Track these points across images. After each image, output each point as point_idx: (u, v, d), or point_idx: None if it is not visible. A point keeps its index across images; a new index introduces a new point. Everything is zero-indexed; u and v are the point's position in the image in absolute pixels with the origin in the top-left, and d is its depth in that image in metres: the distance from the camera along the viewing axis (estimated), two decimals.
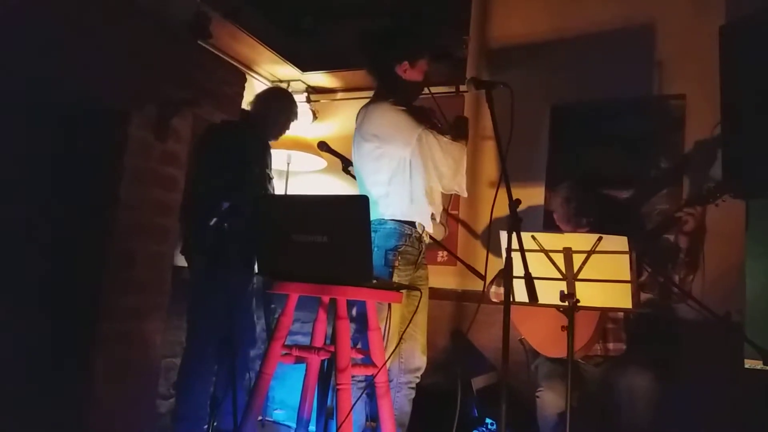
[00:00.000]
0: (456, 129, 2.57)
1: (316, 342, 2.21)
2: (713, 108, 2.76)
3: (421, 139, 2.33)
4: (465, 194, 2.48)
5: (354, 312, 2.36)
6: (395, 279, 2.35)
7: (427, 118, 2.55)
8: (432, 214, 2.49)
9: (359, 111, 2.53)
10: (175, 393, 3.00)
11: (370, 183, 2.44)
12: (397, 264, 2.34)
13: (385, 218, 2.37)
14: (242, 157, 2.84)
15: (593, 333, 2.46)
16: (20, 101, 2.30)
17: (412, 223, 2.41)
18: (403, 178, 2.36)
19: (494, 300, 2.65)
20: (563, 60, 3.41)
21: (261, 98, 3.18)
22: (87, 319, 2.44)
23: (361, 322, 2.29)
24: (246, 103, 3.18)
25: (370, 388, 2.27)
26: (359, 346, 2.31)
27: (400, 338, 2.39)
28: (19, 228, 2.40)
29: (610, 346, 2.62)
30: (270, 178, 3.10)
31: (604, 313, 2.53)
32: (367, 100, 2.59)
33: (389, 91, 2.51)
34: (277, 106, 3.14)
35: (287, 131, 3.24)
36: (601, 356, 2.61)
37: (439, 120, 2.71)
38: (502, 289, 2.61)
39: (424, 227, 2.47)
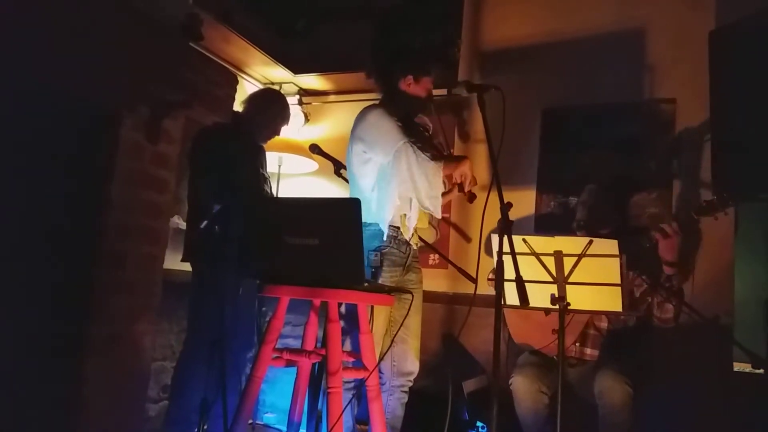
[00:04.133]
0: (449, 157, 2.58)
1: (307, 345, 2.20)
2: (703, 112, 2.78)
3: (400, 151, 2.32)
4: (438, 215, 2.43)
5: (342, 310, 2.35)
6: (381, 281, 2.35)
7: (422, 137, 2.55)
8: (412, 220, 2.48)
9: (359, 112, 2.54)
10: (169, 396, 2.99)
11: (358, 186, 2.45)
12: (380, 265, 2.34)
13: (369, 221, 2.38)
14: (231, 159, 2.83)
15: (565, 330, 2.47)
16: (11, 103, 2.29)
17: (396, 227, 2.41)
18: (384, 185, 2.36)
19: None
20: (555, 64, 3.42)
21: (252, 100, 3.17)
22: (77, 321, 2.42)
23: (347, 321, 2.28)
24: (238, 104, 3.17)
25: (359, 391, 2.27)
26: (346, 345, 2.30)
27: (392, 341, 2.39)
28: (10, 229, 2.39)
29: (587, 351, 2.64)
30: (266, 179, 3.10)
31: (584, 317, 2.55)
32: (359, 103, 2.59)
33: (391, 102, 2.52)
34: (268, 108, 3.12)
35: (279, 134, 3.23)
36: (576, 358, 2.63)
37: (439, 141, 2.70)
38: None
39: (410, 232, 2.47)
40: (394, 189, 2.34)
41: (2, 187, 2.36)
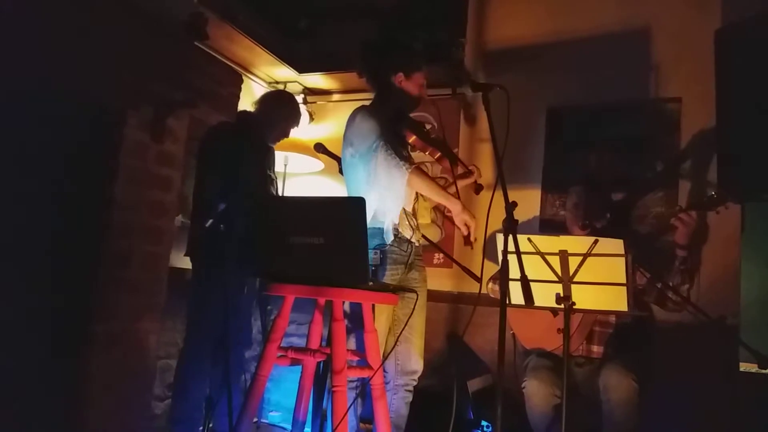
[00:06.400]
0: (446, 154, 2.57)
1: (312, 344, 2.21)
2: (709, 111, 2.77)
3: (374, 150, 2.32)
4: (395, 221, 2.38)
5: (346, 309, 2.35)
6: (382, 279, 2.34)
7: (419, 131, 2.55)
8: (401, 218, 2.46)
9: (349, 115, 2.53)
10: (172, 394, 2.99)
11: (353, 189, 2.44)
12: (380, 263, 2.33)
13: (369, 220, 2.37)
14: (238, 158, 2.84)
15: (574, 333, 2.46)
16: (17, 101, 2.29)
17: (379, 229, 2.40)
18: (373, 184, 2.35)
19: (492, 295, 2.66)
20: (560, 63, 3.41)
21: (265, 100, 3.16)
22: (82, 319, 2.43)
23: (352, 320, 2.28)
24: (250, 104, 3.17)
25: (362, 389, 2.27)
26: (351, 344, 2.30)
27: (396, 340, 2.39)
28: (15, 228, 2.40)
29: (594, 348, 2.63)
30: (273, 179, 3.10)
31: (589, 315, 2.54)
32: (364, 102, 2.59)
33: (383, 100, 2.51)
34: (281, 109, 3.12)
35: (288, 136, 3.23)
36: (583, 357, 2.62)
37: (437, 135, 2.69)
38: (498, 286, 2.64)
39: (412, 232, 2.46)
40: (369, 191, 2.33)
41: (7, 186, 2.37)
